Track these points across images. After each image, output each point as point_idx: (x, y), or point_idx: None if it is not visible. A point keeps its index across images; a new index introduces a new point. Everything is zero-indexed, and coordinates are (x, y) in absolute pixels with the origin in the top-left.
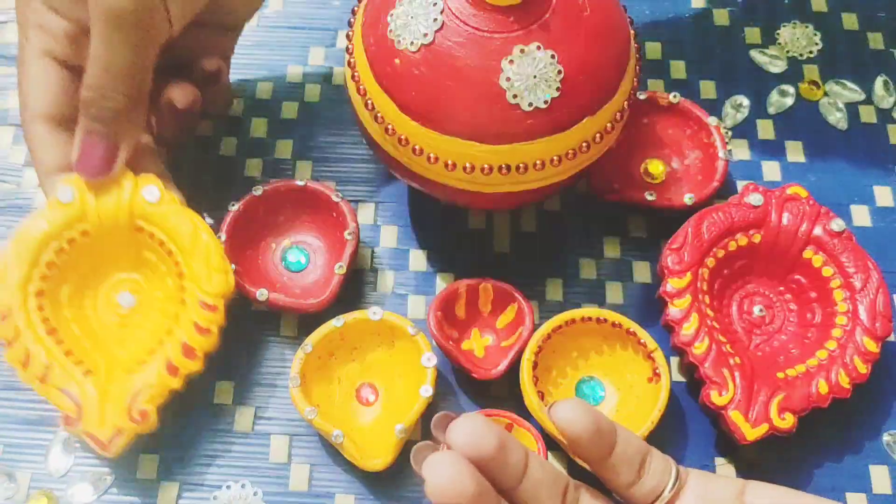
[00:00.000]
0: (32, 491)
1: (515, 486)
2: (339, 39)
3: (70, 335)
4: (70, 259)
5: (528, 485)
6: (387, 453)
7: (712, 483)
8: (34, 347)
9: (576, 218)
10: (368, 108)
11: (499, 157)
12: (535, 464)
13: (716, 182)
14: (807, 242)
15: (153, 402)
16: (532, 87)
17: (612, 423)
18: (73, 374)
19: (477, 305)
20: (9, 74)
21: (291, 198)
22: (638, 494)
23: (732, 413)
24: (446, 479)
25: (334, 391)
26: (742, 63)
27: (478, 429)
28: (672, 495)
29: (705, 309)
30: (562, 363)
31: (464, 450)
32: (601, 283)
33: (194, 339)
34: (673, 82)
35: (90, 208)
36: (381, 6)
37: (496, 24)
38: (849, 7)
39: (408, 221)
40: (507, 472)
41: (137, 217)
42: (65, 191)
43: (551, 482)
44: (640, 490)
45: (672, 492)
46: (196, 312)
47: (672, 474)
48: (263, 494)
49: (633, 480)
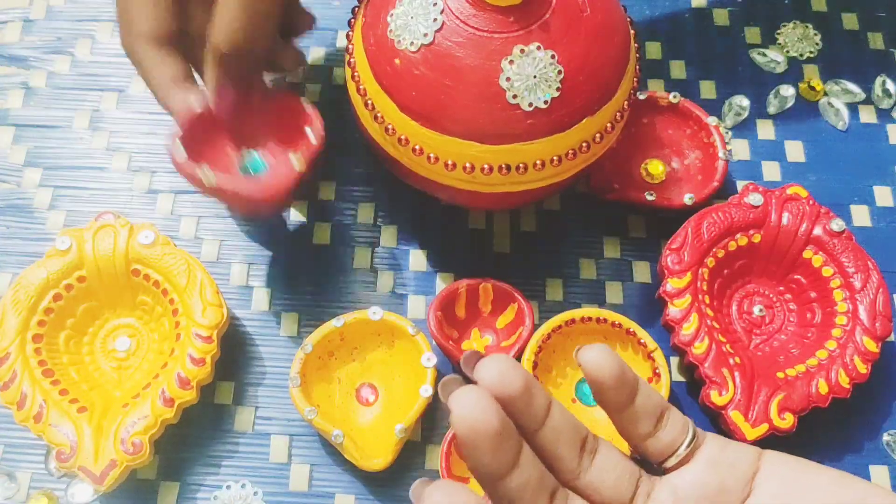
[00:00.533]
0: (32, 491)
1: (537, 429)
2: (339, 39)
3: (67, 378)
4: (67, 305)
5: (548, 430)
6: (387, 453)
7: (728, 448)
8: (29, 389)
9: (576, 218)
10: (368, 108)
11: (499, 157)
12: (556, 410)
13: (716, 182)
14: (807, 242)
15: (147, 433)
16: (532, 87)
17: (635, 374)
18: (68, 411)
19: (477, 305)
20: (9, 74)
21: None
22: (653, 448)
23: (732, 413)
24: (473, 411)
25: (334, 391)
26: (742, 63)
27: (505, 368)
28: (687, 453)
29: (705, 309)
30: (562, 363)
31: (491, 387)
32: (601, 283)
33: (189, 370)
34: (673, 82)
35: (87, 255)
36: (381, 6)
37: (496, 24)
38: (849, 7)
39: (408, 221)
40: (530, 414)
41: (133, 261)
42: (63, 240)
43: (572, 429)
44: (656, 444)
45: (688, 449)
46: (191, 344)
47: (689, 433)
48: (263, 494)
49: (650, 432)
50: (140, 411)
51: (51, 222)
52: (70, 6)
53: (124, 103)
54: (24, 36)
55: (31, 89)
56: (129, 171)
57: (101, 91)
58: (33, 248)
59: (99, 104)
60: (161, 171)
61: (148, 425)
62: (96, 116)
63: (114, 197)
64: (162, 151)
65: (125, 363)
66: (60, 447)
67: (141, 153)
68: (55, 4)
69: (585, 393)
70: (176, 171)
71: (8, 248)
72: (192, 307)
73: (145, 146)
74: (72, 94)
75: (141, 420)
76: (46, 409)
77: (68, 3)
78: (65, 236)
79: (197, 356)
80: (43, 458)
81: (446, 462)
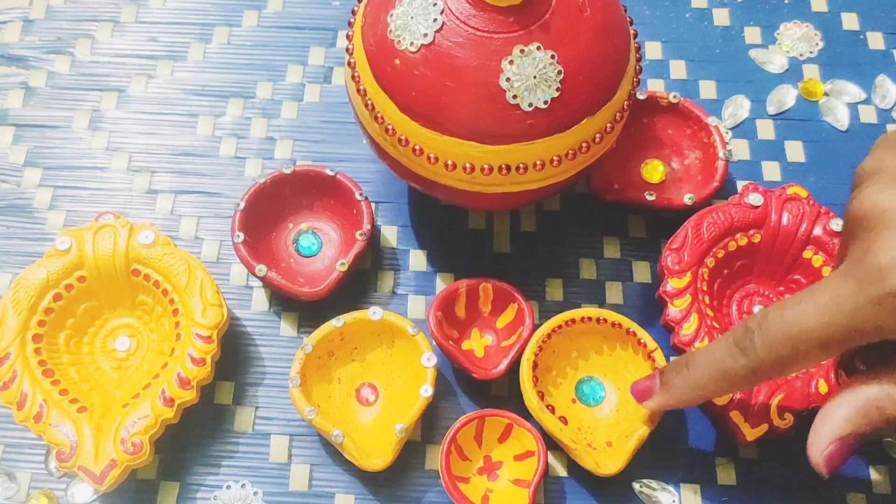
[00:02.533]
0: (32, 491)
1: None
2: (339, 39)
3: (67, 377)
4: (67, 305)
5: None
6: (387, 453)
7: None
8: (29, 389)
9: (576, 218)
10: (368, 108)
11: (499, 158)
12: None
13: (716, 182)
14: (807, 242)
15: (147, 433)
16: (532, 87)
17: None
18: (69, 411)
19: (477, 305)
20: (9, 74)
21: (319, 184)
22: None
23: (732, 413)
24: None
25: (334, 391)
26: (742, 63)
27: None
28: None
29: (705, 309)
30: (562, 363)
31: None
32: (601, 283)
33: (189, 370)
34: (673, 82)
35: (87, 255)
36: (381, 6)
37: (496, 24)
38: (849, 7)
39: (408, 221)
40: None
41: (133, 261)
42: (63, 240)
43: None
44: None
45: None
46: (191, 344)
47: None
48: (263, 494)
49: None
50: (140, 411)
51: (51, 222)
52: (70, 6)
53: (124, 103)
54: (24, 36)
55: (31, 89)
56: (129, 171)
57: (101, 91)
58: (33, 248)
59: (99, 104)
60: (161, 171)
61: (148, 425)
62: (96, 116)
63: (114, 197)
64: (162, 151)
65: (125, 363)
66: (60, 447)
67: (141, 153)
68: (55, 4)
69: (585, 393)
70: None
71: (8, 248)
72: (192, 307)
73: (145, 146)
74: (72, 94)
75: (141, 420)
76: (46, 409)
77: (68, 3)
78: (65, 236)
79: (197, 356)
80: (43, 458)
81: (446, 462)
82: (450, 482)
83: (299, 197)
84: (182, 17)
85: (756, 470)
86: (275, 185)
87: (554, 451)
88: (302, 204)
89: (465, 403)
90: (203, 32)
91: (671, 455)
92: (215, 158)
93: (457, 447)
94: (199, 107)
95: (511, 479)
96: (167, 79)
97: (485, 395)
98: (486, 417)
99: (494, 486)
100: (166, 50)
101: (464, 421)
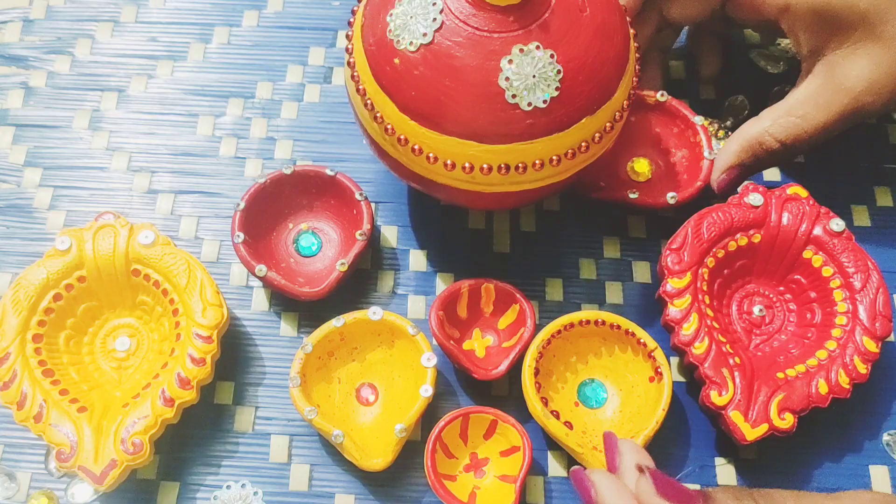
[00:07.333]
0: (32, 491)
1: None
2: (339, 39)
3: (67, 377)
4: (67, 305)
5: None
6: (387, 453)
7: None
8: (29, 389)
9: (576, 218)
10: (368, 108)
11: (498, 157)
12: None
13: (700, 181)
14: (806, 242)
15: (147, 432)
16: (531, 86)
17: None
18: (69, 411)
19: (479, 306)
20: (9, 74)
21: (319, 184)
22: None
23: (732, 413)
24: None
25: (334, 391)
26: (742, 63)
27: None
28: None
29: (705, 309)
30: (562, 368)
31: None
32: (601, 284)
33: (189, 370)
34: (672, 82)
35: (87, 255)
36: (380, 6)
37: (495, 23)
38: None
39: (408, 221)
40: None
41: (133, 261)
42: (63, 240)
43: None
44: None
45: None
46: (191, 344)
47: None
48: (263, 494)
49: None
50: (140, 411)
51: (51, 222)
52: (70, 6)
53: (124, 103)
54: (24, 36)
55: (30, 89)
56: (129, 171)
57: (101, 91)
58: (33, 248)
59: (99, 104)
60: (161, 171)
61: (148, 425)
62: (96, 116)
63: (114, 197)
64: (162, 151)
65: (125, 363)
66: (60, 447)
67: (141, 153)
68: (55, 4)
69: (588, 396)
70: (173, 171)
71: (8, 248)
72: (192, 307)
73: (145, 146)
74: (72, 94)
75: (141, 420)
76: (46, 409)
77: (68, 3)
78: (65, 236)
79: (197, 356)
80: (43, 458)
81: (432, 460)
82: (436, 480)
83: (299, 197)
84: (182, 17)
85: (756, 470)
86: (275, 185)
87: (554, 451)
88: (302, 204)
89: (465, 403)
90: (203, 32)
91: (672, 455)
92: (215, 158)
93: (442, 445)
94: (198, 107)
95: (497, 475)
96: (167, 79)
97: (485, 395)
98: (470, 414)
99: (481, 482)
100: (166, 50)
101: (448, 419)
